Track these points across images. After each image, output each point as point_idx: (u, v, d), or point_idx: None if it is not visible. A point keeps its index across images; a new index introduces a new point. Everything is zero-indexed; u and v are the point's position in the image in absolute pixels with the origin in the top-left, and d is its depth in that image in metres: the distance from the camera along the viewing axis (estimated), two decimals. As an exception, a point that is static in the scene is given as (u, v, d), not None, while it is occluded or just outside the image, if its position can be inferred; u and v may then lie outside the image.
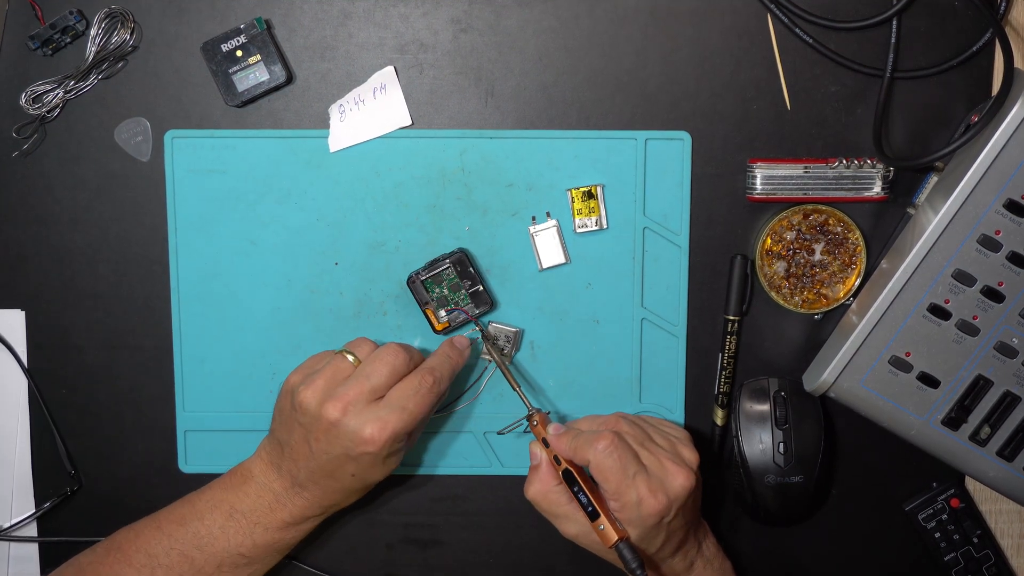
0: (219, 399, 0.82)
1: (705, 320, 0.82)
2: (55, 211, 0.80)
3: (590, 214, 0.80)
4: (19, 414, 0.83)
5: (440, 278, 0.79)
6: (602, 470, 0.70)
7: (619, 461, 0.70)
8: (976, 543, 0.83)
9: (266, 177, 0.80)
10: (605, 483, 0.70)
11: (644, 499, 0.69)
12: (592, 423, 0.76)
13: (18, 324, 0.82)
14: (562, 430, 0.74)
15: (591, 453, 0.70)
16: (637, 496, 0.69)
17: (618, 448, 0.70)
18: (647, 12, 0.79)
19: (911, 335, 0.74)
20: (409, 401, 0.72)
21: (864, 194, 0.79)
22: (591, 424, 0.76)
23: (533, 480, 0.74)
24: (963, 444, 0.76)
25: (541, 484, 0.74)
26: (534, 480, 0.74)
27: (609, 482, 0.70)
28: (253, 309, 0.81)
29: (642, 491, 0.70)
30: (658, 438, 0.74)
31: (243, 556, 0.75)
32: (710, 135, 0.80)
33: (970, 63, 0.78)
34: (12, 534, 0.83)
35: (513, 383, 0.76)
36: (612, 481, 0.70)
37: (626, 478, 0.70)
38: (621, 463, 0.70)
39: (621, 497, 0.70)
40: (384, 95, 0.79)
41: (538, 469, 0.74)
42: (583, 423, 0.76)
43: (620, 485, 0.70)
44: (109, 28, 0.78)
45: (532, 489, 0.74)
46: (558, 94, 0.79)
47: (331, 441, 0.72)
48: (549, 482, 0.73)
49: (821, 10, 0.78)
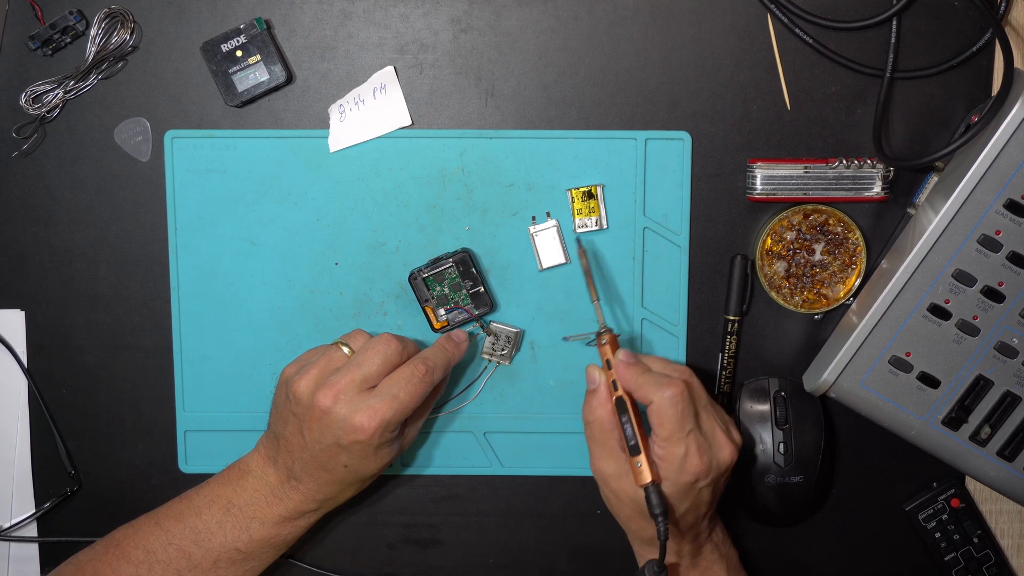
0: (219, 399, 0.82)
1: (705, 320, 0.82)
2: (55, 211, 0.80)
3: (590, 214, 0.80)
4: (19, 414, 0.83)
5: (442, 276, 0.79)
6: (662, 416, 0.69)
7: (681, 413, 0.69)
8: (976, 543, 0.83)
9: (266, 177, 0.80)
10: (660, 428, 0.69)
11: (690, 456, 0.69)
12: (664, 366, 0.73)
13: (18, 324, 0.82)
14: (632, 359, 0.72)
15: (656, 395, 0.69)
16: (685, 451, 0.69)
17: (684, 400, 0.69)
18: (647, 12, 0.79)
19: (911, 335, 0.74)
20: (400, 390, 0.72)
21: (864, 194, 0.79)
22: (662, 366, 0.73)
23: (592, 403, 0.73)
24: (963, 444, 0.76)
25: (601, 407, 0.72)
26: (593, 403, 0.73)
27: (664, 429, 0.69)
28: (253, 309, 0.81)
29: (691, 448, 0.69)
30: (715, 409, 0.74)
31: (240, 551, 0.75)
32: (710, 135, 0.80)
33: (970, 63, 0.78)
34: (12, 534, 0.83)
35: (594, 295, 0.76)
36: (668, 429, 0.69)
37: (681, 431, 0.69)
38: (682, 416, 0.69)
39: (669, 447, 0.69)
40: (384, 95, 0.79)
41: (596, 393, 0.73)
42: (653, 362, 0.74)
43: (673, 435, 0.69)
44: (109, 28, 0.78)
45: (590, 410, 0.73)
46: (558, 94, 0.79)
47: (323, 430, 0.72)
48: (608, 406, 0.72)
49: (821, 10, 0.78)
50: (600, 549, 0.85)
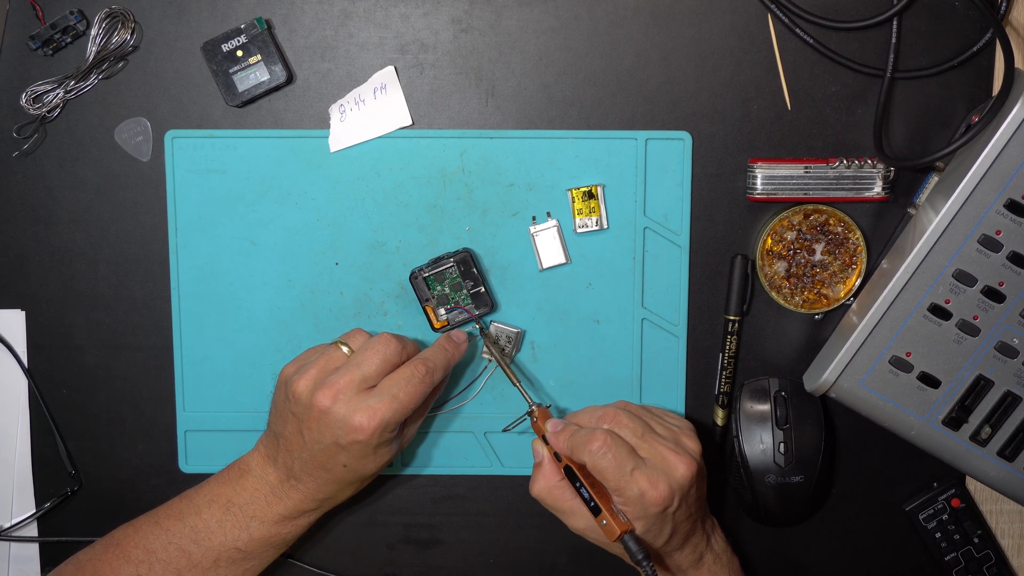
0: (219, 399, 0.82)
1: (705, 320, 0.82)
2: (55, 211, 0.80)
3: (590, 214, 0.80)
4: (19, 414, 0.83)
5: (443, 276, 0.79)
6: (599, 470, 0.70)
7: (615, 460, 0.70)
8: (977, 543, 0.83)
9: (266, 177, 0.80)
10: (606, 481, 0.70)
11: (646, 492, 0.69)
12: (591, 416, 0.74)
13: (18, 324, 0.82)
14: (560, 427, 0.74)
15: (586, 455, 0.70)
16: (639, 490, 0.69)
17: (612, 447, 0.70)
18: (647, 12, 0.79)
19: (912, 335, 0.74)
20: (400, 390, 0.72)
21: (864, 194, 0.79)
22: (590, 417, 0.74)
23: (537, 478, 0.74)
24: (964, 444, 0.76)
25: (544, 481, 0.74)
26: (538, 478, 0.74)
27: (608, 481, 0.70)
28: (253, 309, 0.81)
29: (643, 484, 0.69)
30: (659, 428, 0.74)
31: (239, 551, 0.75)
32: (710, 135, 0.80)
33: (970, 63, 0.78)
34: (12, 534, 0.83)
35: (513, 379, 0.77)
36: (611, 479, 0.70)
37: (624, 475, 0.69)
38: (617, 461, 0.70)
39: (623, 493, 0.70)
40: (384, 95, 0.79)
41: (541, 467, 0.74)
42: (582, 416, 0.75)
43: (619, 482, 0.70)
44: (109, 28, 0.78)
45: (536, 487, 0.74)
46: (558, 94, 0.79)
47: (322, 430, 0.72)
48: (552, 479, 0.74)
49: (821, 10, 0.78)
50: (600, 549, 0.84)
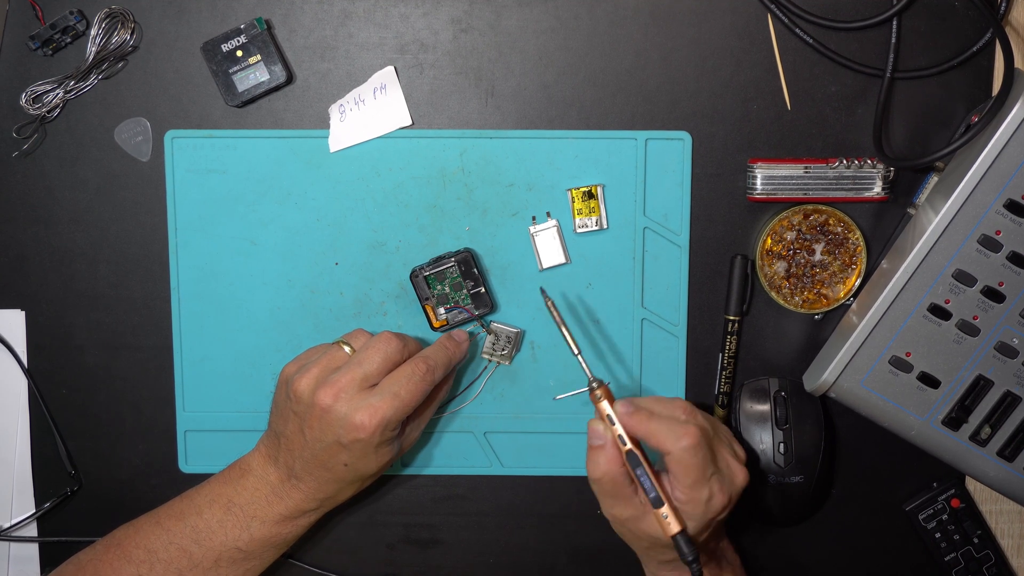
0: (219, 399, 0.82)
1: (705, 320, 0.82)
2: (55, 211, 0.80)
3: (590, 214, 0.80)
4: (19, 414, 0.83)
5: (443, 275, 0.79)
6: (685, 465, 0.68)
7: (703, 460, 0.68)
8: (976, 543, 0.83)
9: (266, 177, 0.80)
10: (684, 476, 0.68)
11: (714, 496, 0.68)
12: (664, 406, 0.71)
13: (18, 324, 0.82)
14: (632, 408, 0.70)
15: (674, 445, 0.67)
16: (709, 494, 0.68)
17: (703, 447, 0.68)
18: (647, 12, 0.79)
19: (911, 335, 0.74)
20: (401, 388, 0.72)
21: (864, 194, 0.79)
22: (662, 407, 0.71)
23: (599, 461, 0.69)
24: (963, 444, 0.76)
25: (609, 465, 0.69)
26: (600, 461, 0.69)
27: (689, 476, 0.68)
28: (253, 309, 0.81)
29: (715, 489, 0.68)
30: (722, 436, 0.73)
31: (240, 551, 0.75)
32: (710, 135, 0.80)
33: (970, 63, 0.78)
34: (12, 534, 0.83)
35: (573, 346, 0.72)
36: (692, 476, 0.68)
37: (704, 477, 0.68)
38: (704, 462, 0.68)
39: (694, 493, 0.68)
40: (384, 95, 0.79)
41: (603, 450, 0.69)
42: (652, 404, 0.71)
43: (698, 482, 0.68)
44: (109, 28, 0.78)
45: (599, 470, 0.69)
46: (558, 94, 0.79)
47: (323, 429, 0.72)
48: (617, 463, 0.69)
49: (821, 10, 0.78)
50: (600, 549, 0.85)
